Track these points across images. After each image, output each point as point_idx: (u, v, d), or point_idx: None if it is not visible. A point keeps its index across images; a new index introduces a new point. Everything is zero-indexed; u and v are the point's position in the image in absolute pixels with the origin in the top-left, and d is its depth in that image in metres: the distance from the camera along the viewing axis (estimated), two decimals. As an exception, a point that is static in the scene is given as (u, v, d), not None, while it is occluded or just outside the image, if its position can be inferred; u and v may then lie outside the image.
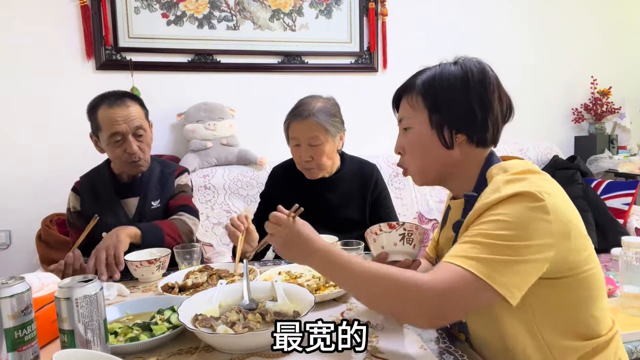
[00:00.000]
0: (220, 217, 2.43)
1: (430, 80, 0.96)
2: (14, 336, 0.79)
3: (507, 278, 0.78)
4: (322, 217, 1.67)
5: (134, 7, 2.54)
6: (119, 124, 1.54)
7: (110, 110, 1.55)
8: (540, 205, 0.80)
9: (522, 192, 0.81)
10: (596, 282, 0.89)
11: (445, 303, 0.78)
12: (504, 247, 0.79)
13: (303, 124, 1.58)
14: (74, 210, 1.67)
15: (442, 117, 0.94)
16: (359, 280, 0.85)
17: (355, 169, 1.75)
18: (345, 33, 2.86)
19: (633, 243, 1.35)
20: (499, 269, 0.78)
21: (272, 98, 2.75)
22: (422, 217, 2.72)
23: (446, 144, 0.95)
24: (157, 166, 1.72)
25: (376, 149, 2.73)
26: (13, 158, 2.46)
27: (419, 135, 0.97)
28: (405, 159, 1.03)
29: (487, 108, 0.94)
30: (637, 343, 1.29)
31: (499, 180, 0.87)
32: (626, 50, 3.41)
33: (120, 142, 1.56)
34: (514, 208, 0.81)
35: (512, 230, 0.79)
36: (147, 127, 1.62)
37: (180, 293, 1.20)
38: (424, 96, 0.96)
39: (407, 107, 0.99)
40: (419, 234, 1.05)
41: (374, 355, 0.86)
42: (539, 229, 0.80)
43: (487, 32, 3.11)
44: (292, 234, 0.92)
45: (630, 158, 3.11)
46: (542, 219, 0.80)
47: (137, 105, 1.61)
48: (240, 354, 0.88)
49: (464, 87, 0.93)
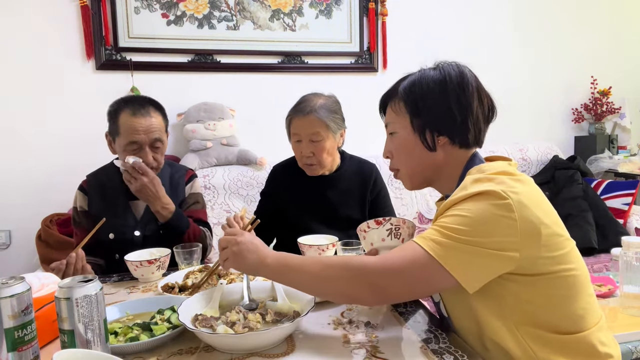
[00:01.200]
0: (220, 217, 2.43)
1: (411, 85, 0.99)
2: (14, 336, 0.79)
3: (462, 264, 0.82)
4: (322, 214, 1.68)
5: (134, 7, 2.54)
6: (138, 134, 1.53)
7: (133, 118, 1.54)
8: (504, 204, 0.83)
9: (487, 190, 0.84)
10: (576, 281, 0.90)
11: (389, 279, 0.84)
12: (461, 239, 0.82)
13: (304, 119, 1.59)
14: (81, 209, 1.65)
15: (423, 120, 0.97)
16: (313, 275, 0.90)
17: (355, 168, 1.75)
18: (345, 33, 2.86)
19: (633, 243, 1.35)
20: (454, 254, 0.82)
21: (272, 98, 2.75)
22: (422, 217, 2.72)
23: (429, 146, 0.98)
24: (167, 168, 1.71)
25: (376, 148, 2.70)
26: (13, 158, 2.46)
27: (404, 139, 1.01)
28: (393, 162, 1.07)
29: (465, 110, 0.96)
30: (637, 343, 1.29)
31: (468, 180, 0.90)
32: (626, 50, 3.41)
33: (137, 151, 1.55)
34: (477, 205, 0.84)
35: (471, 225, 0.83)
36: (165, 139, 1.62)
37: (180, 293, 1.20)
38: (405, 101, 0.99)
39: (391, 113, 1.04)
40: (407, 227, 1.07)
41: (374, 355, 0.86)
42: (500, 226, 0.82)
43: (487, 32, 3.10)
44: (246, 244, 0.96)
45: (630, 158, 3.11)
46: (504, 217, 0.82)
47: (160, 116, 1.61)
48: (240, 354, 0.88)
49: (442, 91, 0.96)
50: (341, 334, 0.96)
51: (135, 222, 1.61)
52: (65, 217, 2.31)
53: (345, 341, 0.93)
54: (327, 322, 1.02)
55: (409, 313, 1.06)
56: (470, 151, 1.00)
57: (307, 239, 1.47)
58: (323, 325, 1.00)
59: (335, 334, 0.96)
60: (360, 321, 1.01)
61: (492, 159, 1.02)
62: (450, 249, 0.82)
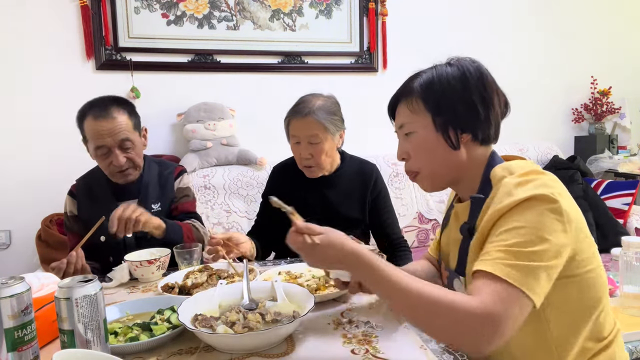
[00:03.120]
0: (220, 217, 2.43)
1: (429, 83, 0.96)
2: (14, 336, 0.79)
3: (538, 285, 0.77)
4: (322, 215, 1.67)
5: (134, 7, 2.54)
6: (103, 138, 1.50)
7: (95, 122, 1.50)
8: (555, 207, 0.81)
9: (536, 195, 0.81)
10: (601, 281, 0.90)
11: (500, 326, 0.74)
12: (530, 254, 0.78)
13: (302, 121, 1.59)
14: (71, 214, 1.65)
15: (446, 118, 0.94)
16: (412, 303, 0.79)
17: (355, 168, 1.75)
18: (345, 33, 2.86)
19: (633, 243, 1.35)
20: (530, 276, 0.77)
21: (272, 98, 2.75)
22: (422, 217, 2.72)
23: (452, 144, 0.95)
24: (154, 167, 1.69)
25: (376, 148, 2.73)
26: (13, 158, 2.46)
27: (424, 139, 0.97)
28: (411, 163, 1.01)
29: (488, 104, 0.94)
30: (637, 343, 1.29)
31: (509, 184, 0.86)
32: (626, 50, 3.41)
33: (107, 155, 1.53)
34: (531, 213, 0.80)
35: (533, 235, 0.79)
36: (135, 138, 1.57)
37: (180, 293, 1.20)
38: (424, 99, 0.95)
39: (407, 112, 0.99)
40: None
41: (374, 355, 0.86)
42: (557, 232, 0.80)
43: (487, 32, 3.11)
44: (322, 248, 0.86)
45: (630, 158, 3.11)
46: (558, 220, 0.80)
47: (125, 114, 1.55)
48: (240, 354, 0.88)
49: (465, 87, 0.93)
50: (341, 334, 0.96)
51: None
52: (65, 217, 2.31)
53: (345, 341, 0.93)
54: (327, 322, 1.02)
55: (409, 313, 1.05)
56: (489, 148, 0.98)
57: (307, 239, 1.47)
58: (323, 325, 1.00)
59: (335, 334, 0.96)
60: (360, 321, 1.01)
61: (508, 158, 0.99)
62: (526, 272, 0.77)
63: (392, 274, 0.80)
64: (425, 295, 0.77)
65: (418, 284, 0.79)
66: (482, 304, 0.74)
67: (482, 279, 0.78)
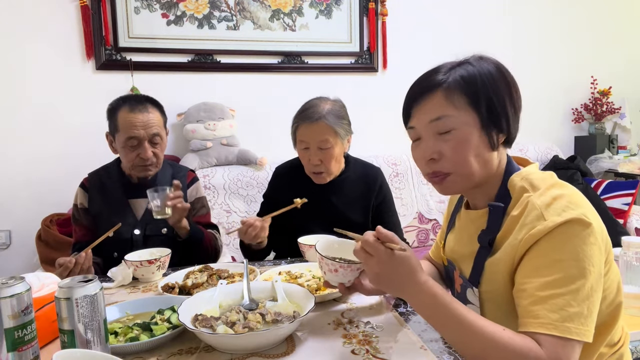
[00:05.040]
0: (220, 217, 2.43)
1: (471, 77, 0.88)
2: (14, 336, 0.79)
3: (591, 323, 0.76)
4: (325, 219, 1.66)
5: (134, 7, 2.54)
6: (137, 129, 1.55)
7: (130, 114, 1.56)
8: (590, 231, 0.78)
9: (570, 220, 0.78)
10: (619, 287, 0.91)
11: None
12: (576, 293, 0.75)
13: (313, 127, 1.55)
14: (82, 207, 1.66)
15: (492, 116, 0.88)
16: (471, 343, 0.77)
17: (360, 172, 1.72)
18: (345, 33, 2.86)
19: (633, 243, 1.35)
20: (586, 323, 0.75)
21: (272, 98, 2.75)
22: (422, 217, 2.72)
23: (493, 144, 0.89)
24: (168, 169, 1.73)
25: (376, 149, 2.73)
26: (13, 158, 2.46)
27: (466, 137, 0.87)
28: (444, 164, 0.90)
29: (519, 105, 0.92)
30: (637, 343, 1.29)
31: (537, 205, 0.82)
32: (626, 50, 3.41)
33: (136, 147, 1.57)
34: (570, 242, 0.78)
35: (574, 268, 0.76)
36: (164, 134, 1.64)
37: (181, 293, 1.20)
38: (468, 94, 0.87)
39: (445, 105, 0.88)
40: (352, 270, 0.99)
41: (374, 355, 0.86)
42: (594, 257, 0.78)
43: (487, 32, 3.11)
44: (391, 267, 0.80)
45: (630, 158, 3.11)
46: (594, 244, 0.79)
47: (158, 112, 1.63)
48: (240, 354, 0.88)
49: (506, 84, 0.89)
50: (341, 334, 0.96)
51: (135, 221, 1.62)
52: (65, 217, 2.31)
53: (345, 341, 0.92)
54: (327, 322, 1.02)
55: (409, 313, 1.05)
56: (506, 151, 0.95)
57: (308, 239, 1.47)
58: (323, 325, 1.00)
59: (335, 334, 0.96)
60: (360, 321, 1.01)
61: (518, 162, 0.97)
62: (580, 320, 0.74)
63: (465, 316, 0.77)
64: (491, 338, 0.75)
65: (484, 322, 0.77)
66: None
67: (541, 336, 0.75)
